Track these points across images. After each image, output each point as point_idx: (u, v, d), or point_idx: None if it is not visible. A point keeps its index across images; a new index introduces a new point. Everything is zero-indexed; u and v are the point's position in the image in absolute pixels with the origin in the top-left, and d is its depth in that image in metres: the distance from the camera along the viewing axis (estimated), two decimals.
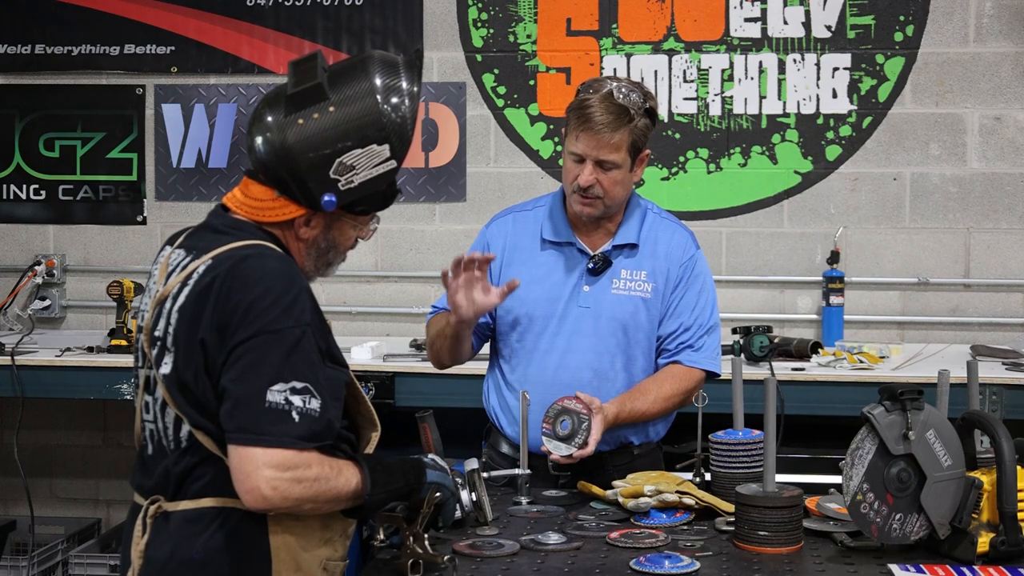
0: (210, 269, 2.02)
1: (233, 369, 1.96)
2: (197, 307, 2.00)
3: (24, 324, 4.82)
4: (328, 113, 2.04)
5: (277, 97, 2.09)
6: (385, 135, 2.04)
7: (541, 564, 2.22)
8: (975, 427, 2.30)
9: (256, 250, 2.04)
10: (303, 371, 1.96)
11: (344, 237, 2.17)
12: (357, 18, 4.90)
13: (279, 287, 1.99)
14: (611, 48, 4.79)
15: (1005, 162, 4.69)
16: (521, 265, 2.90)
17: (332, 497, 2.01)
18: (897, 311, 4.74)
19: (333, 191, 2.05)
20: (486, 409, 2.99)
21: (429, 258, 4.91)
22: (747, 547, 2.28)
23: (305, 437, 1.95)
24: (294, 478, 1.93)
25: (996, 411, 3.81)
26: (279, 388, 1.94)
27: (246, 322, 1.96)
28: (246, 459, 1.92)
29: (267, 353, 1.95)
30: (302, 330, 1.98)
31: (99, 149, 5.04)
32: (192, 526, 2.03)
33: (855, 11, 4.70)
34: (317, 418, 1.96)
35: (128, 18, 4.99)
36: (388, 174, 2.07)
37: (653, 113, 2.84)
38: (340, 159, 2.03)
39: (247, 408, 1.93)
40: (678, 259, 2.89)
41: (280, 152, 2.04)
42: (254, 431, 1.92)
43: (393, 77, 2.07)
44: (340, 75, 2.08)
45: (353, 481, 2.04)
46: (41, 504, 4.93)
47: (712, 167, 4.78)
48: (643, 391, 2.82)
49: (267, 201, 2.10)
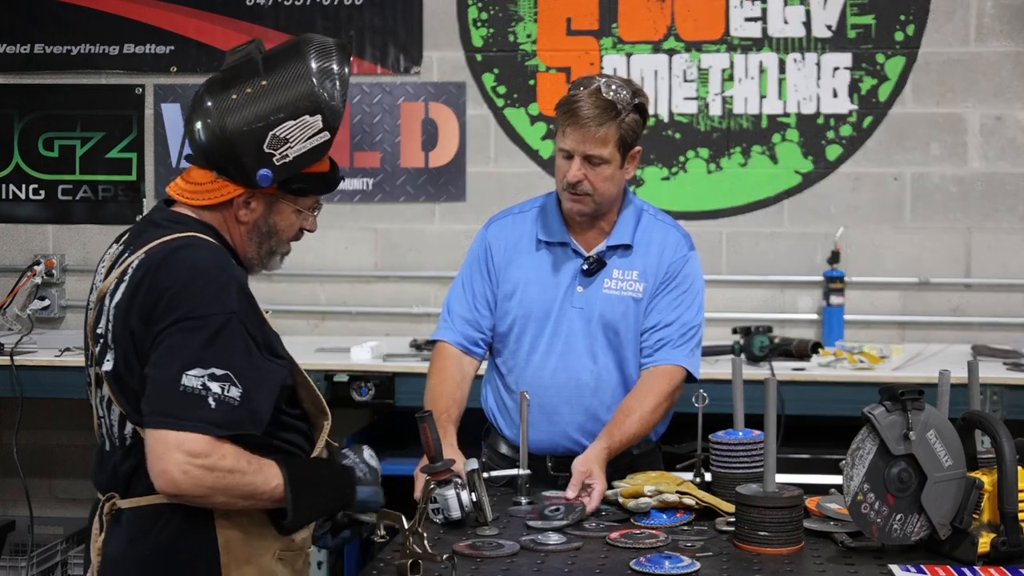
0: (143, 263, 2.04)
1: (154, 355, 1.97)
2: (130, 302, 2.02)
3: (23, 324, 4.81)
4: (261, 87, 2.06)
5: (214, 81, 2.12)
6: (317, 106, 2.06)
7: (541, 564, 2.22)
8: (976, 427, 2.30)
9: (189, 241, 2.06)
10: (225, 358, 1.96)
11: (286, 223, 2.17)
12: (357, 18, 4.90)
13: (205, 275, 2.00)
14: (611, 48, 4.78)
15: (1006, 162, 4.68)
16: (518, 266, 2.91)
17: (247, 493, 2.00)
18: (897, 311, 4.73)
19: (268, 166, 2.06)
20: (484, 410, 2.99)
21: (429, 258, 4.90)
22: (747, 547, 2.28)
23: (220, 424, 1.94)
24: (206, 466, 1.93)
25: (997, 411, 3.81)
26: (196, 373, 1.94)
27: (169, 308, 1.97)
28: (158, 441, 1.93)
29: (187, 339, 1.95)
30: (226, 317, 1.98)
31: (98, 149, 5.04)
32: (142, 523, 2.04)
33: (856, 11, 4.69)
34: (236, 407, 1.96)
35: (128, 18, 4.99)
36: (322, 147, 2.08)
37: (643, 109, 2.82)
38: (273, 132, 2.05)
39: (162, 392, 1.94)
40: (669, 259, 2.88)
41: (215, 130, 2.06)
42: (168, 414, 1.93)
43: (326, 59, 2.09)
44: (275, 56, 2.11)
45: (273, 482, 2.02)
46: (40, 504, 4.92)
47: (712, 167, 4.77)
48: (627, 412, 2.77)
49: (206, 184, 2.12)
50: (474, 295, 2.93)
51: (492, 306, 2.92)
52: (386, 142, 4.90)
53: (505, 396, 2.92)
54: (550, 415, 2.84)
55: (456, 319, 2.93)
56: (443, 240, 4.89)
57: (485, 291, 2.92)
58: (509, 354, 2.91)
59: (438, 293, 4.78)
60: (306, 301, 4.96)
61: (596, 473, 2.60)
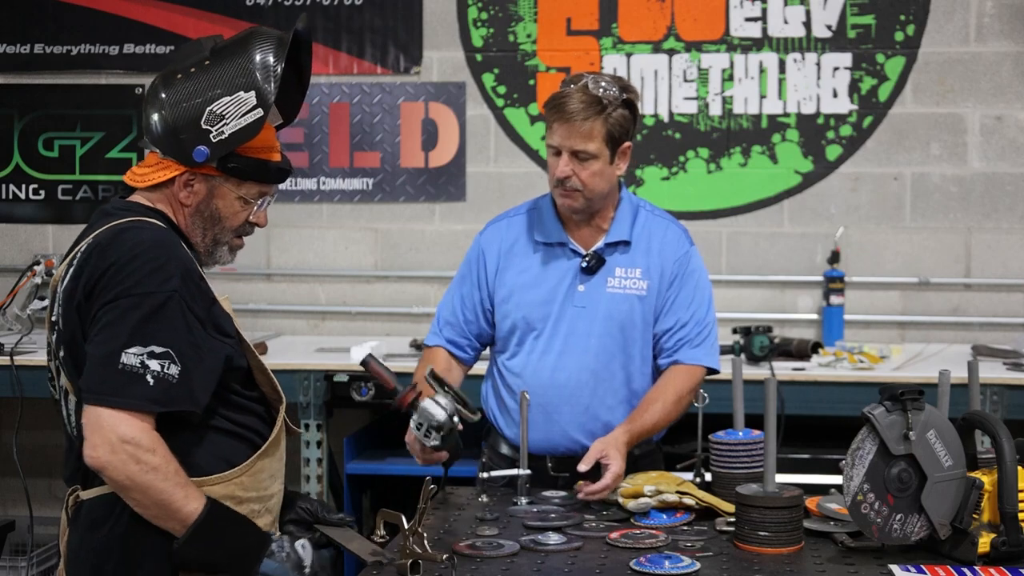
0: (89, 246, 2.07)
1: (93, 331, 1.99)
2: (75, 281, 2.05)
3: (23, 324, 4.80)
4: (203, 67, 2.13)
5: (168, 67, 2.18)
6: (252, 83, 2.10)
7: (541, 564, 2.22)
8: (976, 427, 2.29)
9: (135, 224, 2.09)
10: (164, 336, 1.99)
11: (228, 209, 2.19)
12: (357, 18, 4.90)
13: (147, 253, 2.02)
14: (611, 48, 4.78)
15: (1006, 162, 4.68)
16: (516, 269, 2.91)
17: (162, 500, 1.99)
18: (898, 311, 4.73)
19: (205, 142, 2.10)
20: (484, 410, 2.99)
21: (429, 258, 4.91)
22: (747, 547, 2.28)
23: (158, 400, 1.97)
24: (132, 455, 1.95)
25: (997, 411, 3.81)
26: (135, 351, 1.96)
27: (110, 285, 2.00)
28: (93, 418, 1.95)
29: (127, 316, 1.98)
30: (167, 295, 2.00)
31: (98, 149, 5.04)
32: (97, 513, 2.06)
33: (856, 11, 4.69)
34: (175, 384, 1.98)
35: (127, 18, 4.99)
36: (255, 124, 2.11)
37: (632, 105, 2.82)
38: (210, 107, 2.10)
39: (101, 369, 1.96)
40: (672, 256, 2.89)
41: (160, 107, 2.12)
42: (105, 392, 1.95)
43: (265, 45, 2.14)
44: (223, 44, 2.18)
45: (192, 505, 2.01)
46: (40, 504, 4.91)
47: (712, 167, 4.77)
48: (650, 402, 2.80)
49: (152, 165, 2.17)
50: (461, 300, 2.96)
51: (480, 311, 2.94)
52: (386, 142, 4.90)
53: (505, 396, 2.92)
54: (550, 414, 2.83)
55: (443, 325, 2.98)
56: (443, 240, 4.89)
57: (473, 297, 2.94)
58: (509, 354, 2.92)
59: (438, 293, 4.77)
60: (306, 301, 4.96)
61: (612, 455, 2.62)
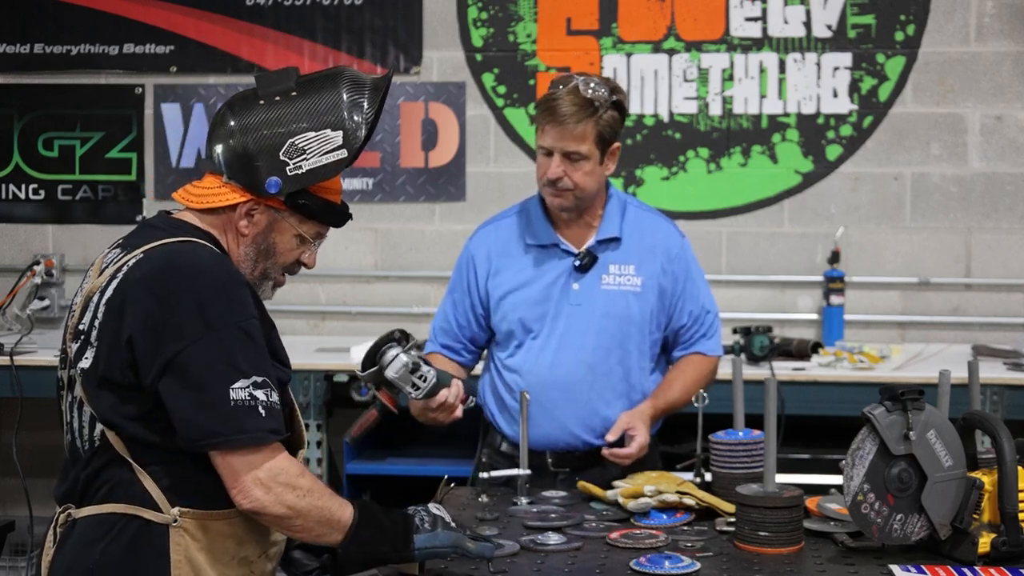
0: (140, 263, 1.97)
1: (187, 373, 1.90)
2: (125, 301, 1.95)
3: (23, 324, 4.81)
4: (290, 97, 2.05)
5: (247, 90, 2.10)
6: (341, 123, 2.04)
7: (541, 564, 2.22)
8: (976, 427, 2.29)
9: (190, 246, 2.00)
10: (260, 364, 1.94)
11: (285, 245, 2.11)
12: (357, 18, 4.90)
13: (219, 281, 1.95)
14: (611, 47, 4.78)
15: (1006, 162, 4.68)
16: (508, 272, 2.93)
17: (324, 517, 1.96)
18: (898, 311, 4.73)
19: (280, 174, 2.03)
20: (484, 409, 3.00)
21: (429, 258, 4.90)
22: (747, 547, 2.28)
23: (275, 430, 1.93)
24: (287, 485, 1.91)
25: (997, 411, 3.81)
26: (240, 385, 1.90)
27: (190, 322, 1.90)
28: (226, 465, 1.90)
29: (221, 351, 1.90)
30: (249, 323, 1.95)
31: (98, 149, 5.03)
32: (92, 532, 1.96)
33: (856, 10, 4.69)
34: (279, 410, 1.95)
35: (127, 18, 4.98)
36: (337, 164, 2.04)
37: (621, 106, 2.86)
38: (293, 140, 2.02)
39: (211, 411, 1.89)
40: (670, 251, 2.93)
41: (236, 131, 2.04)
42: (227, 432, 1.89)
43: (358, 93, 2.09)
44: (311, 78, 2.10)
45: (347, 511, 1.99)
46: (40, 505, 4.90)
47: (712, 167, 4.77)
48: (671, 382, 2.92)
49: (213, 188, 2.09)
50: (453, 306, 3.00)
51: (472, 316, 2.97)
52: (386, 142, 4.90)
53: (504, 393, 2.93)
54: (549, 411, 2.84)
55: (438, 332, 3.04)
56: (443, 240, 4.89)
57: (464, 302, 2.98)
58: (507, 354, 2.93)
59: (438, 293, 4.77)
60: (306, 301, 4.96)
61: (639, 426, 2.76)
